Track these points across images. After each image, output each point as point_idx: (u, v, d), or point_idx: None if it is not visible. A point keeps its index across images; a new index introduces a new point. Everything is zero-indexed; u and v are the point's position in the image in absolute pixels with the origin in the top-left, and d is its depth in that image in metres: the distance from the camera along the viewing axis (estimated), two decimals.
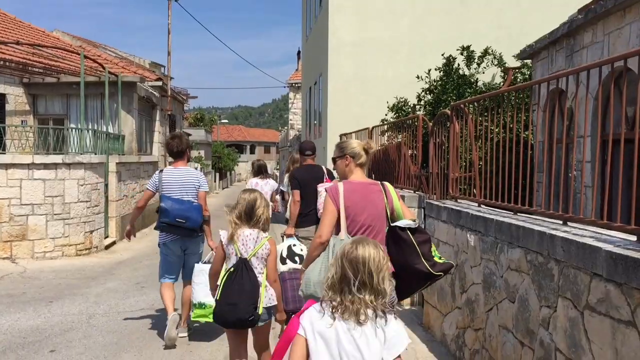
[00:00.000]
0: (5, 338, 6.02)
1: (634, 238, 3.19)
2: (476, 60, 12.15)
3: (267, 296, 4.09)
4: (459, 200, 6.17)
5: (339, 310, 2.39)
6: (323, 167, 7.18)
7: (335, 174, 6.18)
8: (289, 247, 5.73)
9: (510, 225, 4.20)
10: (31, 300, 7.64)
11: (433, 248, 3.91)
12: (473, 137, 5.80)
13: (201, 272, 5.68)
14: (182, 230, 5.76)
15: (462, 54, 12.11)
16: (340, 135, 13.53)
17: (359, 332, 2.36)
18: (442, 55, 12.12)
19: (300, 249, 5.74)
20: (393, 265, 3.63)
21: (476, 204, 5.60)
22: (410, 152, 8.45)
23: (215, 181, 46.19)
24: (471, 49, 12.12)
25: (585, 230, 3.70)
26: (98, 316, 6.91)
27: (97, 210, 11.60)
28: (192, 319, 5.96)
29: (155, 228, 6.07)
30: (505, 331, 4.30)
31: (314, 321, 2.42)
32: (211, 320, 5.03)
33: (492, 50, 12.36)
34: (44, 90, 15.43)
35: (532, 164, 4.57)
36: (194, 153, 37.80)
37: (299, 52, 34.23)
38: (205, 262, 5.91)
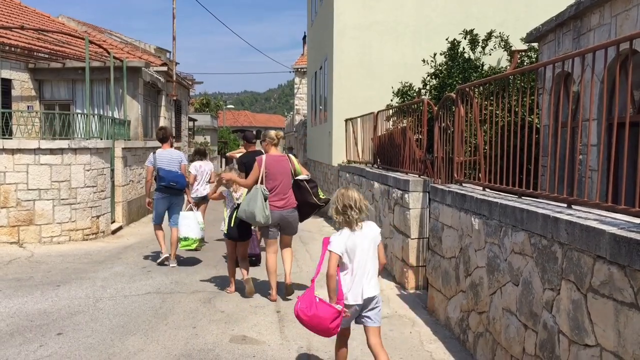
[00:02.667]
0: (13, 321, 6.09)
1: (638, 220, 3.19)
2: (480, 44, 12.05)
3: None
4: (463, 184, 6.16)
5: (344, 225, 4.17)
6: (262, 151, 8.88)
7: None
8: None
9: (515, 209, 4.20)
10: (38, 284, 7.71)
11: (319, 191, 7.01)
12: (478, 121, 5.78)
13: (185, 217, 8.54)
14: (173, 190, 8.71)
15: (465, 37, 12.02)
16: (346, 120, 13.51)
17: (359, 232, 4.17)
18: (447, 39, 12.03)
19: None
20: (297, 201, 6.90)
21: (481, 188, 5.60)
22: (415, 136, 8.43)
23: (221, 167, 46.24)
24: (475, 32, 12.02)
25: (590, 213, 3.69)
26: (105, 300, 6.97)
27: (103, 195, 11.65)
28: (179, 248, 8.67)
29: (155, 190, 8.77)
30: (509, 314, 4.31)
31: (334, 240, 4.13)
32: (192, 248, 8.55)
33: (500, 33, 12.25)
34: (49, 75, 15.43)
35: (537, 147, 4.55)
36: (200, 138, 37.91)
37: (304, 37, 34.06)
38: (190, 209, 8.83)
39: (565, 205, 4.00)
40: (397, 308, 6.70)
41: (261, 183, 6.73)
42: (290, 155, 7.21)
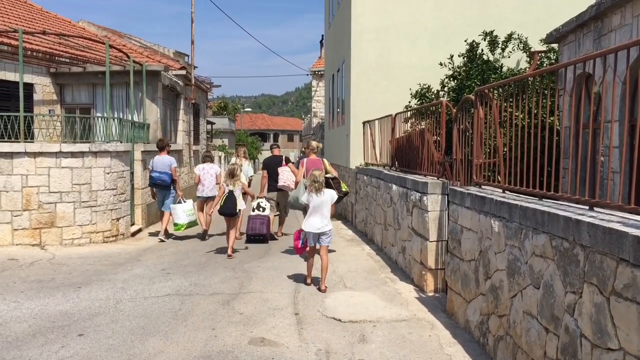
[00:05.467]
0: (35, 322, 6.17)
1: None
2: (500, 46, 11.97)
3: (239, 205, 9.78)
4: (482, 187, 6.13)
5: (313, 190, 7.65)
6: (283, 155, 11.74)
7: (290, 158, 12.40)
8: (258, 203, 11.26)
9: (535, 211, 4.16)
10: (60, 285, 7.80)
11: (342, 184, 10.10)
12: (498, 123, 5.74)
13: (174, 208, 11.45)
14: (161, 186, 11.63)
15: (484, 39, 11.94)
16: (364, 123, 13.51)
17: (320, 195, 7.64)
18: (465, 41, 11.97)
19: (264, 204, 11.32)
20: None
21: (500, 190, 5.56)
22: (433, 138, 8.40)
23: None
24: (495, 33, 11.94)
25: (612, 215, 3.65)
26: (125, 301, 7.03)
27: (123, 198, 11.76)
28: (173, 231, 11.82)
29: (149, 185, 11.85)
30: (530, 317, 4.27)
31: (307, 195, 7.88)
32: (181, 230, 11.58)
33: (518, 35, 12.17)
34: (70, 79, 15.62)
35: (557, 149, 4.51)
36: (217, 141, 38.17)
37: (322, 40, 34.11)
38: (177, 203, 11.55)
39: (587, 207, 3.96)
40: (415, 311, 6.67)
41: (303, 177, 10.06)
42: (324, 159, 10.49)
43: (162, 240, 11.49)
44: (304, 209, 9.26)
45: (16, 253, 9.94)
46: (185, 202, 11.55)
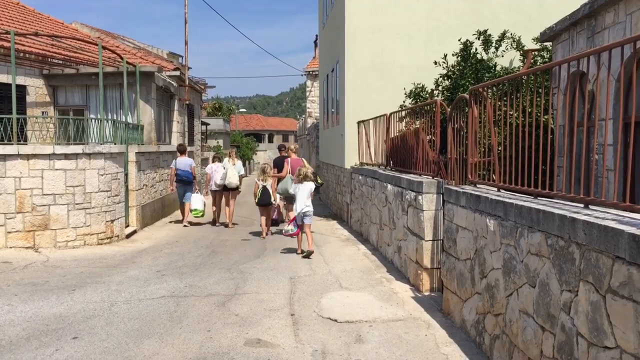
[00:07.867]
0: (29, 325, 6.13)
1: None
2: (494, 44, 11.98)
3: (273, 197, 12.15)
4: (478, 186, 6.12)
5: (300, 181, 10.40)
6: (288, 155, 13.25)
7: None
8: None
9: (531, 209, 4.16)
10: (54, 288, 7.76)
11: (318, 177, 12.14)
12: (492, 122, 5.73)
13: (194, 197, 13.95)
14: (184, 182, 14.09)
15: (478, 38, 11.95)
16: (358, 123, 13.50)
17: (305, 184, 10.26)
18: (459, 40, 11.98)
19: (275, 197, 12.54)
20: None
21: (495, 189, 5.55)
22: (428, 137, 8.39)
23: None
24: (488, 32, 11.95)
25: (607, 213, 3.65)
26: (120, 303, 6.99)
27: (117, 200, 11.71)
28: (192, 215, 14.10)
29: (175, 182, 14.19)
30: (526, 316, 4.27)
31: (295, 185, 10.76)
32: (200, 216, 14.11)
33: (511, 34, 12.19)
34: (63, 81, 15.55)
35: (552, 148, 4.50)
36: (212, 142, 38.14)
37: (316, 40, 34.06)
38: (195, 193, 14.16)
39: (582, 205, 3.96)
40: (411, 310, 6.66)
41: (289, 173, 12.08)
42: (303, 159, 13.04)
43: (185, 226, 14.14)
44: (291, 197, 11.43)
45: (10, 256, 9.89)
46: (199, 193, 14.38)
